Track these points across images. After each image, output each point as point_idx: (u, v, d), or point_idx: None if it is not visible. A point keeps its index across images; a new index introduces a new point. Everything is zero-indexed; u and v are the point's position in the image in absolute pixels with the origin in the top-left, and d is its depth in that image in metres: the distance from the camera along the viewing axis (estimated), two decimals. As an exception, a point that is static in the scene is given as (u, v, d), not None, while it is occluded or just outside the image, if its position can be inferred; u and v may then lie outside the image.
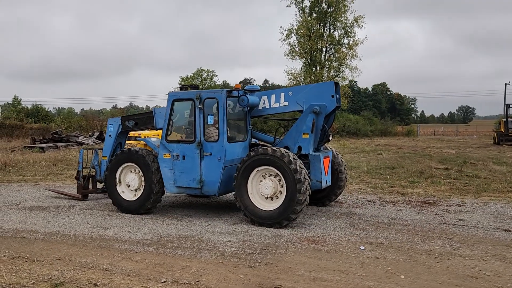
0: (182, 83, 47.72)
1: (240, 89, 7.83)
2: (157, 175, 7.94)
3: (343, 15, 42.58)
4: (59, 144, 25.15)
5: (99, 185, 9.85)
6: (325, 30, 43.54)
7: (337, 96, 7.56)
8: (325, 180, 7.69)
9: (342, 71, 43.61)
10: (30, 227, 7.28)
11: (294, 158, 6.89)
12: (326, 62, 43.57)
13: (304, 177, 6.83)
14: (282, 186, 6.98)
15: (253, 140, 8.47)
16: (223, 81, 65.08)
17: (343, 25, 42.98)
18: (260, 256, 5.60)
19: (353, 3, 42.15)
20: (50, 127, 35.11)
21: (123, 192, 8.36)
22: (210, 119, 7.55)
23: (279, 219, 6.90)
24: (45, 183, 12.28)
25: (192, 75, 49.75)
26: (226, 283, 4.75)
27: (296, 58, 44.20)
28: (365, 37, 54.98)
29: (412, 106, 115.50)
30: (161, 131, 19.68)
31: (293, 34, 43.96)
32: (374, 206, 8.72)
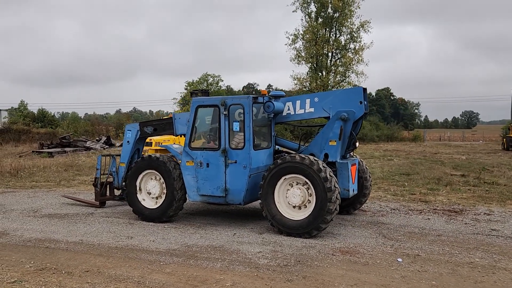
0: (188, 88, 47.66)
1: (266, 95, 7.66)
2: (179, 182, 7.76)
3: (349, 20, 42.55)
4: (67, 149, 25.04)
5: (117, 192, 9.65)
6: (331, 35, 43.48)
7: (365, 102, 7.37)
8: (352, 189, 7.50)
9: (348, 76, 43.51)
10: (52, 236, 7.10)
11: (323, 166, 6.71)
12: (332, 67, 43.48)
13: (334, 186, 6.65)
14: (310, 195, 6.79)
15: (276, 147, 8.30)
16: (226, 86, 65.07)
17: (349, 30, 42.95)
18: (296, 269, 5.41)
19: (359, 8, 42.14)
20: (57, 132, 35.05)
21: (143, 200, 8.17)
22: (236, 126, 7.35)
23: (308, 228, 6.70)
24: (59, 189, 12.12)
25: (198, 80, 49.67)
26: (267, 298, 4.56)
27: (302, 63, 44.18)
28: (371, 42, 54.86)
29: (416, 111, 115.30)
30: (167, 136, 19.58)
31: (299, 39, 43.94)
32: (400, 214, 8.52)
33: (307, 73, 44.45)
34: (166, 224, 7.89)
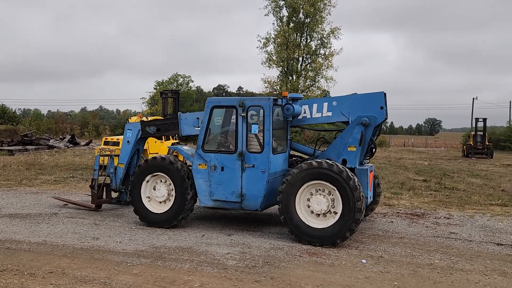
0: (158, 87, 47.04)
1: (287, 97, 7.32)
2: (190, 186, 7.39)
3: (320, 26, 43.27)
4: (29, 147, 24.17)
5: (114, 195, 9.12)
6: (302, 40, 44.07)
7: (385, 107, 7.16)
8: (370, 196, 7.37)
9: (318, 81, 44.21)
10: (13, 237, 6.87)
11: (352, 174, 6.45)
12: (303, 72, 44.06)
13: (362, 195, 6.41)
14: (334, 203, 6.52)
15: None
16: (197, 87, 64.73)
17: (319, 36, 43.67)
18: (264, 270, 5.48)
19: (330, 14, 42.94)
20: (18, 129, 33.78)
21: (148, 203, 7.73)
22: (255, 129, 7.02)
23: (333, 238, 6.41)
24: (21, 189, 11.71)
25: (168, 79, 49.12)
26: (235, 298, 4.60)
27: (273, 66, 44.50)
28: (341, 48, 56.02)
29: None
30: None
31: (270, 43, 44.27)
32: (365, 217, 8.75)
33: (278, 76, 44.86)
34: (133, 225, 7.79)
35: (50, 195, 10.64)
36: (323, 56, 44.04)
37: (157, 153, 17.98)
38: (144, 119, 18.29)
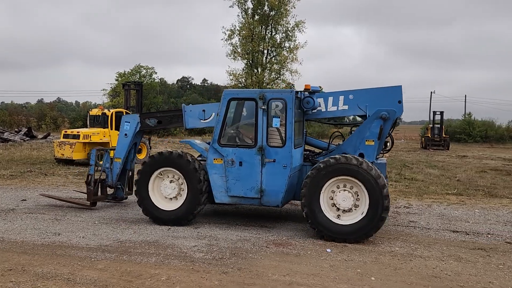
0: (119, 79, 45.82)
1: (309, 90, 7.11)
2: (204, 183, 7.09)
3: (284, 19, 43.47)
4: (-18, 140, 23.02)
5: (109, 191, 8.64)
6: (267, 33, 44.14)
7: (402, 101, 7.09)
8: None
9: (283, 74, 44.51)
10: (-32, 234, 6.56)
11: (380, 172, 6.35)
12: (268, 65, 44.19)
13: (388, 192, 6.37)
14: (359, 199, 6.41)
15: None
16: (160, 79, 63.56)
17: (284, 29, 43.89)
18: (231, 261, 5.52)
19: (294, 8, 43.19)
20: (-31, 122, 32.03)
21: (156, 200, 7.37)
22: (276, 122, 6.84)
23: (359, 234, 6.33)
24: (-26, 184, 11.15)
25: (130, 71, 47.92)
26: (202, 290, 4.61)
27: (238, 59, 44.38)
28: (305, 42, 56.55)
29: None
30: (95, 129, 18.71)
31: (235, 35, 44.09)
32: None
33: (243, 69, 44.80)
34: (96, 219, 7.62)
35: (6, 190, 10.21)
36: (288, 49, 44.33)
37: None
38: (106, 111, 17.91)
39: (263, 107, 6.79)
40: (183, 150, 7.67)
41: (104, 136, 17.13)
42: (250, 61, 43.84)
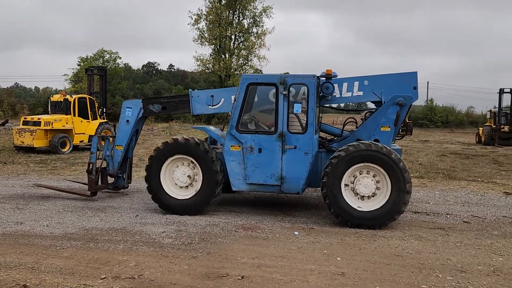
0: (82, 64, 44.36)
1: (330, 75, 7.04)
2: (221, 174, 6.96)
3: (252, 4, 43.20)
4: None
5: (110, 180, 8.32)
6: (234, 18, 43.78)
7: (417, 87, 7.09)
8: None
9: (251, 60, 44.41)
10: None
11: (400, 157, 6.39)
12: (235, 50, 43.92)
13: (410, 177, 6.42)
14: (380, 185, 6.42)
15: None
16: (124, 64, 62.01)
17: (252, 14, 43.65)
18: (200, 246, 5.54)
19: (262, -7, 42.96)
20: None
21: (167, 188, 7.14)
22: (298, 108, 6.73)
23: (383, 219, 6.38)
24: None
25: (93, 56, 46.46)
26: (172, 275, 4.62)
27: (205, 44, 43.91)
28: (273, 28, 56.52)
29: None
30: (57, 115, 18.11)
31: (202, 20, 43.50)
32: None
33: (211, 54, 44.36)
34: (61, 208, 7.44)
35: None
36: (255, 35, 44.19)
37: (83, 133, 17.17)
38: (68, 97, 17.34)
39: (284, 92, 6.66)
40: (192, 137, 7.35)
41: (67, 123, 16.64)
42: (218, 47, 43.46)
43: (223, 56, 43.74)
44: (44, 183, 9.34)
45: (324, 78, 7.22)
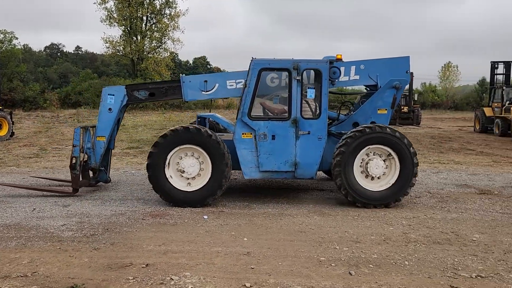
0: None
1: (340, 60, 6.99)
2: (230, 160, 6.65)
3: (164, -16, 41.73)
4: None
5: (92, 174, 7.61)
6: (145, -2, 41.91)
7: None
8: None
9: (165, 43, 43.10)
10: None
11: (409, 140, 6.66)
12: (148, 32, 42.26)
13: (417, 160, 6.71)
14: (389, 166, 6.68)
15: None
16: (23, 45, 56.70)
17: (164, -5, 42.16)
18: (104, 237, 5.31)
19: (173, -28, 41.68)
20: None
21: (173, 180, 6.70)
22: (311, 93, 6.70)
23: (389, 200, 6.65)
24: None
25: (-17, 35, 41.59)
26: (70, 269, 4.37)
27: (114, 25, 41.61)
28: (187, 9, 55.26)
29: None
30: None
31: (110, -1, 41.02)
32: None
33: (121, 36, 42.19)
34: None
35: None
36: (168, 17, 42.87)
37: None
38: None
39: (297, 78, 6.62)
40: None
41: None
42: (128, 28, 41.44)
43: (135, 38, 41.86)
44: (9, 183, 8.19)
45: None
